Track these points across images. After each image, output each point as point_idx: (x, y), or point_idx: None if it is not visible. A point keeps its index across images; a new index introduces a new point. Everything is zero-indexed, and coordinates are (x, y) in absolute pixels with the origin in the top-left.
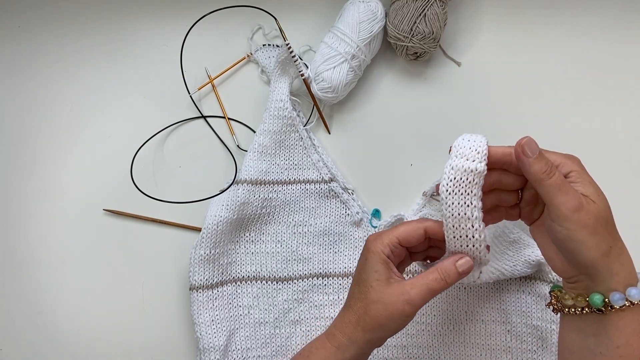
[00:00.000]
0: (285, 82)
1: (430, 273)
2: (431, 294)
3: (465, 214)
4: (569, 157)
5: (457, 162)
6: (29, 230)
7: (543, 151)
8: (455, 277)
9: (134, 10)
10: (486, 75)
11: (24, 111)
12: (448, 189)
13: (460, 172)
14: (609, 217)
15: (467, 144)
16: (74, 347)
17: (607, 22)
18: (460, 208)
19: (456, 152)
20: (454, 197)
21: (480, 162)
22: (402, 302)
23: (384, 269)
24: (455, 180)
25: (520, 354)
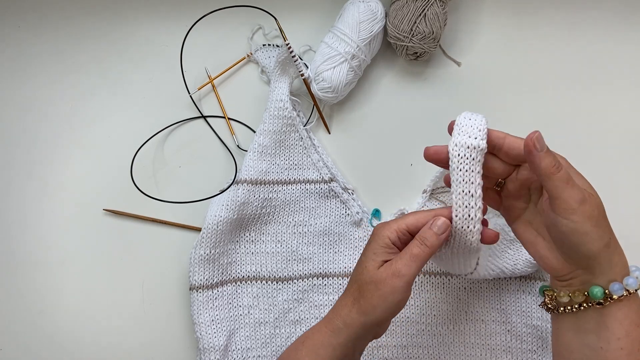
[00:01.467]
0: (285, 82)
1: (411, 243)
2: (414, 260)
3: (469, 191)
4: (558, 155)
5: (461, 139)
6: (29, 230)
7: None
8: (433, 239)
9: (134, 11)
10: (486, 75)
11: (24, 111)
12: (458, 166)
13: (464, 149)
14: (604, 209)
15: (468, 122)
16: (74, 347)
17: (608, 21)
18: (465, 185)
19: (459, 130)
20: (458, 174)
21: (482, 140)
22: (390, 277)
23: (383, 252)
24: (459, 157)
25: (520, 354)
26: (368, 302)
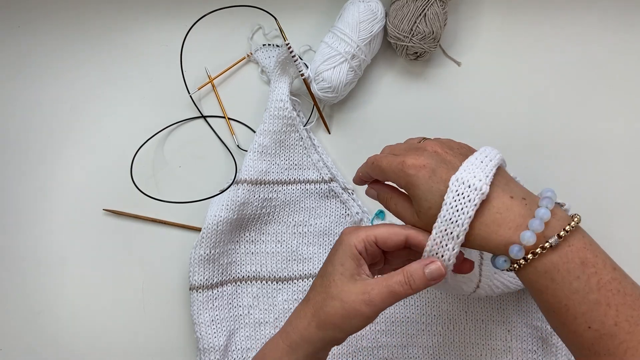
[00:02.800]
0: (285, 82)
1: (395, 274)
2: (393, 297)
3: (451, 233)
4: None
5: (465, 176)
6: (29, 230)
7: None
8: (421, 282)
9: (134, 10)
10: (486, 75)
11: (24, 111)
12: (451, 202)
13: (465, 187)
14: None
15: (480, 164)
16: (74, 347)
17: (608, 21)
18: (450, 225)
19: (468, 165)
20: (448, 211)
21: (487, 185)
22: (360, 302)
23: (351, 264)
24: (457, 194)
25: (521, 354)
26: (329, 319)
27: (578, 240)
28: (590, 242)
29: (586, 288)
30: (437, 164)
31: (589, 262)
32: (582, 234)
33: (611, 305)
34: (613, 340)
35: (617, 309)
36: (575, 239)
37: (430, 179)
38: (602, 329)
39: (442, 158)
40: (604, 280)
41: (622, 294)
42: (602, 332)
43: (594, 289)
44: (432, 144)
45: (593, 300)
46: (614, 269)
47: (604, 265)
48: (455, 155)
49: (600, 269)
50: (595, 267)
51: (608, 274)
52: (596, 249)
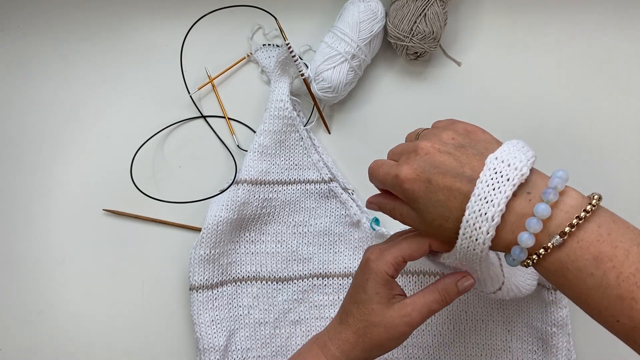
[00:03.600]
0: (285, 82)
1: (430, 293)
2: (431, 314)
3: (485, 213)
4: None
5: (506, 156)
6: (29, 230)
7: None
8: (455, 295)
9: (134, 10)
10: (486, 75)
11: (24, 111)
12: (486, 180)
13: (505, 165)
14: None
15: (522, 148)
16: (74, 347)
17: (608, 21)
18: (483, 204)
19: (509, 146)
20: (484, 189)
21: (528, 169)
22: (403, 325)
23: (385, 290)
24: (494, 172)
25: (521, 354)
26: (375, 342)
27: (590, 233)
28: (609, 231)
29: (604, 284)
30: (431, 171)
31: (605, 256)
32: (597, 222)
33: (637, 300)
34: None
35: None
36: (586, 232)
37: (428, 190)
38: (632, 323)
39: (434, 161)
40: (626, 274)
41: None
42: (632, 325)
43: (613, 284)
44: (424, 144)
45: (615, 296)
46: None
47: (626, 257)
48: (449, 152)
49: (620, 262)
50: (612, 260)
51: (632, 266)
52: (617, 237)
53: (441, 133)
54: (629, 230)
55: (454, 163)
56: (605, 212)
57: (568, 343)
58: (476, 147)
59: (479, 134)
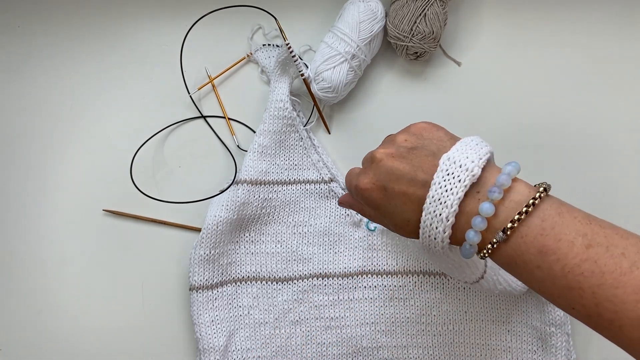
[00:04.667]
0: (285, 82)
1: None
2: None
3: (440, 214)
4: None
5: (457, 156)
6: (29, 230)
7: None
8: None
9: (134, 10)
10: (486, 75)
11: (24, 111)
12: (440, 182)
13: (456, 167)
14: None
15: (475, 146)
16: (74, 347)
17: (608, 21)
18: (439, 207)
19: (460, 147)
20: (437, 191)
21: (479, 168)
22: None
23: None
24: (446, 173)
25: (521, 354)
26: None
27: (533, 228)
28: (553, 224)
29: (551, 275)
30: (385, 179)
31: (549, 249)
32: (541, 217)
33: (585, 289)
34: (601, 319)
35: (592, 292)
36: (529, 227)
37: (385, 198)
38: (585, 310)
39: (388, 168)
40: (570, 265)
41: (598, 275)
42: (586, 313)
43: (559, 275)
44: (379, 151)
45: (563, 286)
46: (587, 248)
47: (570, 248)
48: (402, 156)
49: (564, 254)
50: (556, 253)
51: (576, 257)
52: (560, 230)
53: (396, 137)
54: (575, 220)
55: (407, 168)
56: (552, 204)
57: (567, 343)
58: (429, 147)
59: (433, 131)
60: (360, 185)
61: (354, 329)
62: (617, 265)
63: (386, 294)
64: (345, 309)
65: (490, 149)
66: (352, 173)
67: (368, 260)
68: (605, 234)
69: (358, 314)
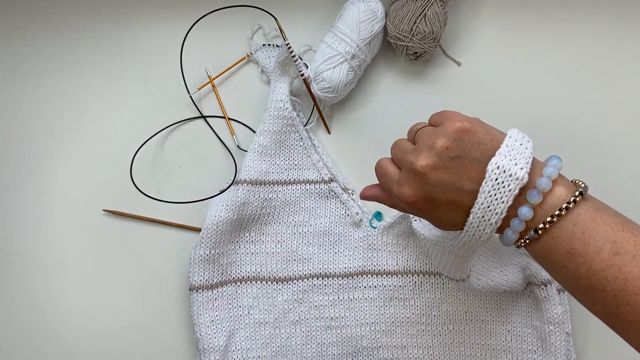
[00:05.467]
0: (285, 82)
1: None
2: None
3: (489, 220)
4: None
5: (505, 163)
6: (29, 230)
7: None
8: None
9: (134, 10)
10: (486, 75)
11: (24, 111)
12: (489, 191)
13: (506, 175)
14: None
15: (519, 147)
16: (74, 347)
17: (608, 21)
18: (488, 213)
19: (506, 151)
20: (487, 199)
21: (527, 172)
22: None
23: None
24: (495, 182)
25: (521, 354)
26: None
27: (565, 231)
28: (584, 229)
29: (576, 275)
30: (431, 190)
31: (576, 252)
32: (574, 221)
33: (607, 292)
34: (620, 320)
35: (614, 295)
36: (561, 229)
37: (431, 206)
38: (606, 309)
39: (433, 180)
40: (595, 269)
41: (621, 281)
42: (606, 312)
43: (584, 277)
44: (420, 163)
45: (586, 286)
46: (615, 255)
47: (597, 254)
48: (445, 166)
49: (590, 258)
50: (583, 257)
51: (602, 262)
52: (590, 235)
53: (435, 142)
54: (607, 227)
55: (452, 178)
56: (588, 209)
57: (567, 342)
58: (471, 154)
59: (472, 133)
60: (404, 197)
61: (354, 329)
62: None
63: (386, 294)
64: (345, 309)
65: (532, 145)
66: (388, 176)
67: (368, 260)
68: (636, 242)
69: (358, 314)
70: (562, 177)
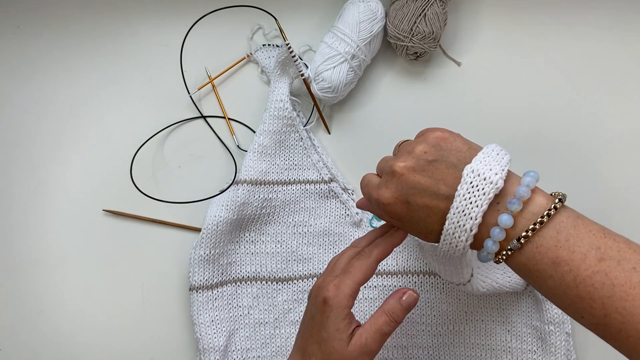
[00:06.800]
0: (285, 82)
1: (379, 317)
2: (385, 337)
3: (463, 225)
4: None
5: (480, 167)
6: (29, 230)
7: None
8: (403, 314)
9: (134, 10)
10: (486, 75)
11: (24, 111)
12: (464, 194)
13: (480, 179)
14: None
15: (496, 156)
16: (74, 347)
17: (608, 21)
18: (462, 217)
19: (482, 158)
20: (461, 203)
21: (502, 179)
22: (363, 355)
23: (345, 325)
24: (470, 185)
25: (521, 354)
26: None
27: (548, 239)
28: (567, 236)
29: (562, 285)
30: (408, 192)
31: (562, 260)
32: (557, 229)
33: (595, 300)
34: (609, 329)
35: (602, 303)
36: (544, 238)
37: (408, 210)
38: (594, 320)
39: (409, 182)
40: (582, 277)
41: (608, 287)
42: (594, 322)
43: (571, 285)
44: (398, 165)
45: (574, 295)
46: (600, 261)
47: (583, 260)
48: (423, 169)
49: (576, 266)
50: (569, 264)
51: (588, 269)
52: (575, 242)
53: (414, 148)
54: (590, 234)
55: (429, 182)
56: (569, 216)
57: (567, 342)
58: (448, 159)
59: (451, 141)
60: (382, 200)
61: None
62: (627, 278)
63: (386, 294)
64: None
65: (509, 158)
66: (370, 184)
67: None
68: (619, 248)
69: (358, 314)
70: (539, 189)
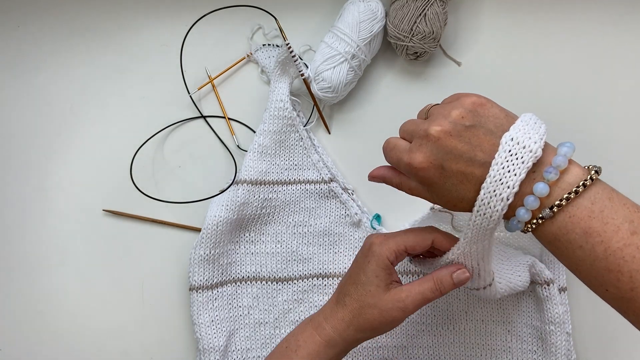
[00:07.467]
0: (285, 82)
1: (425, 281)
2: (425, 302)
3: (500, 194)
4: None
5: (520, 136)
6: (29, 230)
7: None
8: (450, 287)
9: (134, 10)
10: (486, 75)
11: (24, 111)
12: (502, 162)
13: (520, 147)
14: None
15: (534, 125)
16: (74, 347)
17: (608, 21)
18: (499, 186)
19: (521, 126)
20: (499, 171)
21: (540, 148)
22: (397, 309)
23: (385, 274)
24: (509, 154)
25: (521, 354)
26: (368, 324)
27: (582, 210)
28: (602, 208)
29: (592, 256)
30: (443, 157)
31: (594, 231)
32: (591, 199)
33: (623, 273)
34: (634, 303)
35: (630, 276)
36: (578, 207)
37: (442, 176)
38: (619, 293)
39: (445, 147)
40: (613, 248)
41: (639, 260)
42: (619, 296)
43: (601, 257)
44: (434, 129)
45: (602, 268)
46: (632, 234)
47: (616, 232)
48: (460, 134)
49: (608, 237)
50: (601, 236)
51: (620, 241)
52: (609, 214)
53: (450, 112)
54: (624, 207)
55: (466, 147)
56: (605, 188)
57: (568, 342)
58: (486, 126)
59: (488, 107)
60: (414, 163)
61: None
62: None
63: None
64: None
65: (546, 127)
66: (397, 147)
67: None
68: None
69: None
70: (574, 161)
